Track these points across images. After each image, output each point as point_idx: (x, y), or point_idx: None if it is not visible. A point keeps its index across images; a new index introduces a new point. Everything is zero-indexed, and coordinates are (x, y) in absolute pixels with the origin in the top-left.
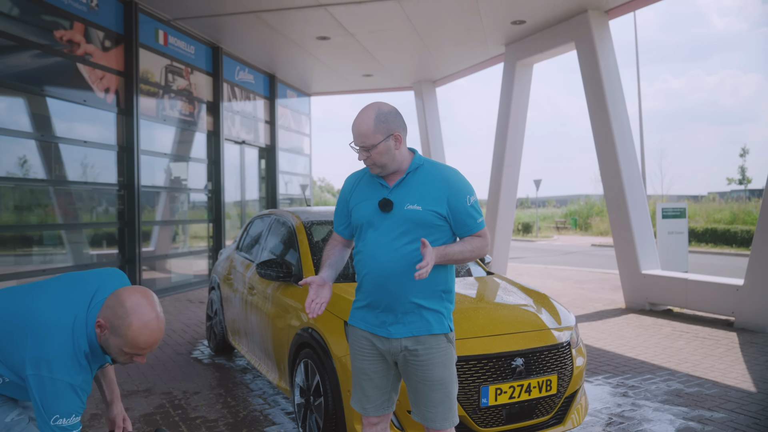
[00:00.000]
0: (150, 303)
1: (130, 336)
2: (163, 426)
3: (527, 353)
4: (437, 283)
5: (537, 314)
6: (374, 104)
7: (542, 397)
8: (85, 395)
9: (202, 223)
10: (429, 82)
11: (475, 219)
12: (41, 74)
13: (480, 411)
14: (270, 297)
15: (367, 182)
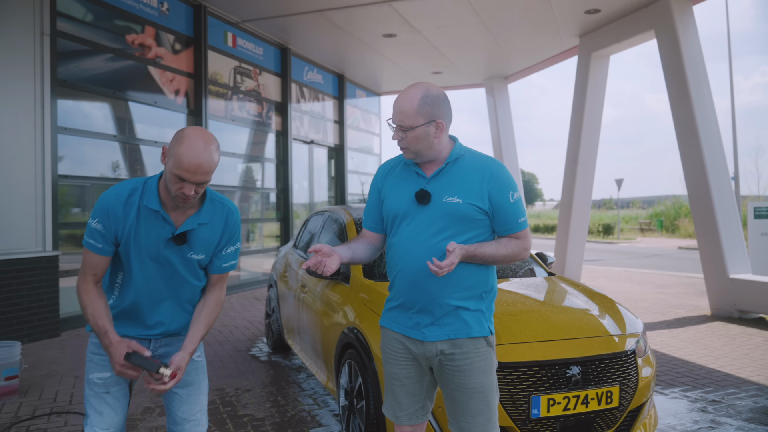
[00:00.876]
0: (204, 135)
1: (179, 154)
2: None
3: (585, 361)
4: (477, 284)
5: (598, 319)
6: (424, 83)
7: (602, 410)
8: (98, 229)
9: (270, 222)
10: (500, 78)
11: (517, 217)
12: (114, 77)
13: (530, 423)
14: (319, 295)
15: (401, 171)
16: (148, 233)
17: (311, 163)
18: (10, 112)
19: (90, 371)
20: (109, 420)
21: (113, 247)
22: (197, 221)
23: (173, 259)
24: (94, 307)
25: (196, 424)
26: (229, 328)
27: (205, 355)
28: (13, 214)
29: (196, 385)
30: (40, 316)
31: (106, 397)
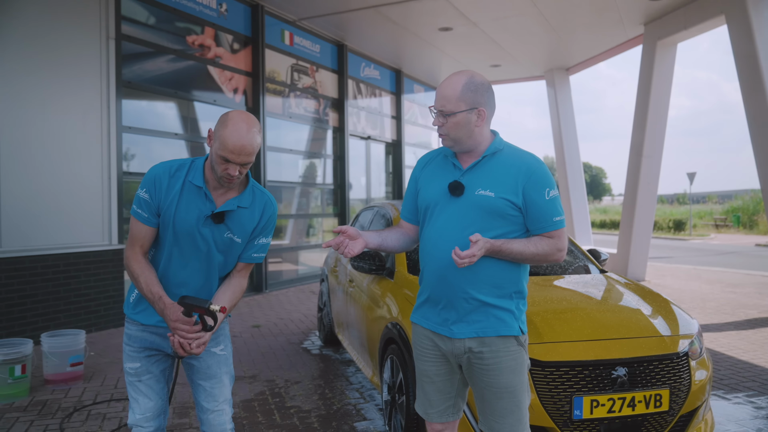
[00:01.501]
0: (246, 118)
1: (224, 136)
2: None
3: (632, 362)
4: (506, 283)
5: (648, 319)
6: (468, 71)
7: (650, 413)
8: (146, 199)
9: (328, 218)
10: (561, 70)
11: (552, 216)
12: (176, 78)
13: (572, 424)
14: (365, 290)
15: (439, 163)
16: (188, 208)
17: (368, 159)
18: (78, 112)
19: (124, 362)
20: (144, 406)
21: (157, 219)
22: (237, 204)
23: (209, 237)
24: (147, 276)
25: (220, 413)
26: (284, 321)
27: (231, 350)
28: (81, 210)
29: (218, 377)
30: (107, 307)
31: (139, 385)
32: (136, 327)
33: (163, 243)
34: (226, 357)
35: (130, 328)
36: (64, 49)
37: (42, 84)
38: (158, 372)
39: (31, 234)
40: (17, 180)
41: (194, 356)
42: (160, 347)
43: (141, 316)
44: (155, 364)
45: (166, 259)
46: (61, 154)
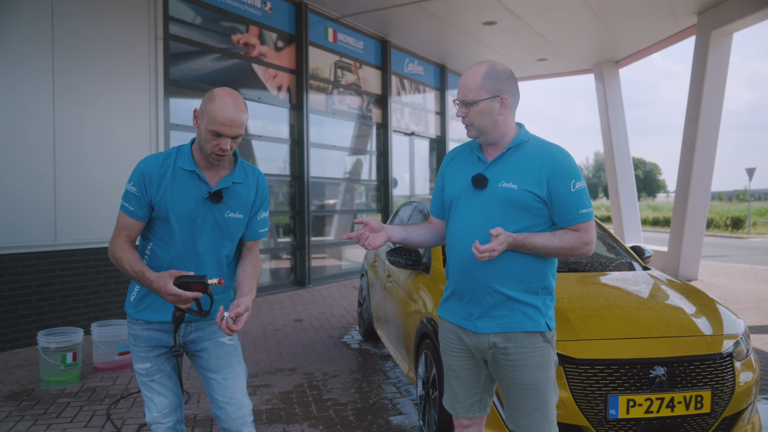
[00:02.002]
0: (232, 93)
1: (212, 111)
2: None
3: (671, 362)
4: (530, 277)
5: (690, 318)
6: (489, 60)
7: (690, 415)
8: (134, 192)
9: (371, 213)
10: (611, 63)
11: (578, 208)
12: (221, 76)
13: (607, 423)
14: (402, 284)
15: (465, 157)
16: (184, 194)
17: (412, 155)
18: (128, 110)
19: (134, 362)
20: (160, 404)
21: (146, 212)
22: (232, 180)
23: (210, 218)
24: (129, 256)
25: (238, 406)
26: (325, 316)
27: (239, 340)
28: None
29: (230, 367)
30: None
31: (152, 384)
32: (140, 326)
33: (166, 236)
34: (236, 347)
35: (134, 329)
36: (114, 49)
37: (94, 83)
38: (169, 369)
39: (84, 228)
40: (71, 176)
41: (204, 348)
42: (168, 344)
43: (145, 313)
44: (165, 362)
45: (172, 252)
46: (111, 150)
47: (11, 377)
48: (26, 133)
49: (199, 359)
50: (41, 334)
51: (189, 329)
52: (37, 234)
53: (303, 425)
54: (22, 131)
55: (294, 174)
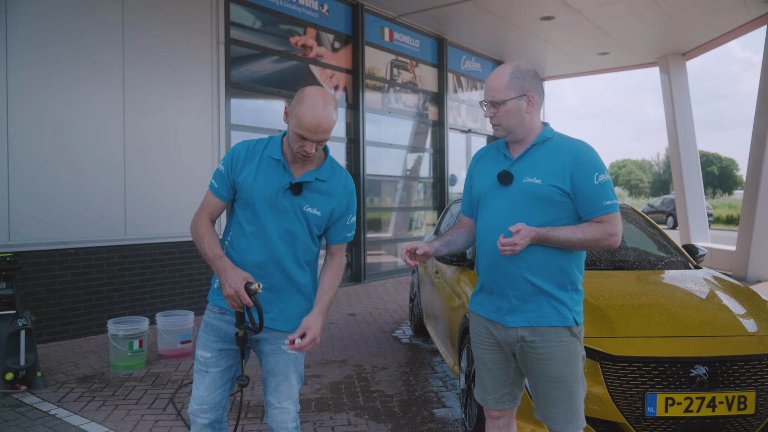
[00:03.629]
0: (322, 94)
1: (299, 114)
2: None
3: (713, 361)
4: (557, 271)
5: (737, 318)
6: (514, 62)
7: (733, 416)
8: (221, 171)
9: (428, 210)
10: (677, 55)
11: (601, 200)
12: (280, 77)
13: (645, 421)
14: (448, 280)
15: (492, 155)
16: (267, 180)
17: (468, 152)
18: (192, 112)
19: (197, 348)
20: (202, 397)
21: (229, 193)
22: (315, 176)
23: (289, 209)
24: (210, 237)
25: (283, 411)
26: (379, 311)
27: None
28: (194, 202)
29: (284, 375)
30: None
31: (205, 375)
32: (215, 315)
33: (245, 221)
34: (296, 356)
35: (209, 316)
36: (179, 55)
37: (160, 86)
38: (225, 367)
39: (151, 223)
40: (139, 175)
41: (263, 351)
42: (233, 341)
43: (224, 300)
44: (225, 359)
45: (247, 238)
46: (176, 150)
47: (84, 361)
48: (99, 136)
49: (260, 359)
50: (111, 323)
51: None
52: (109, 229)
53: (349, 414)
54: (95, 134)
55: (350, 172)
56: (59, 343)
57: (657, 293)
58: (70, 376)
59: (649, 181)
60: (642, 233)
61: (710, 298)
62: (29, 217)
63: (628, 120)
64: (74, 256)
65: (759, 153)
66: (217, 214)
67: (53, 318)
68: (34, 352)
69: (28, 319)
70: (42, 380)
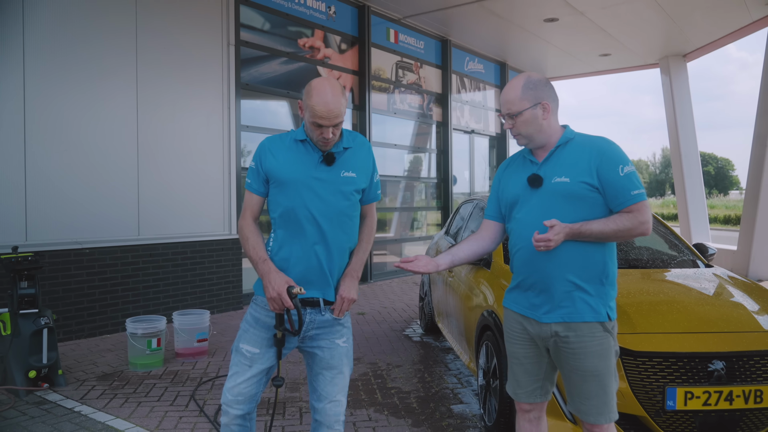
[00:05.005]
0: (329, 83)
1: (312, 105)
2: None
3: (731, 356)
4: (591, 265)
5: (751, 314)
6: (525, 73)
7: (749, 409)
8: (253, 168)
9: (431, 211)
10: (678, 57)
11: (629, 190)
12: (288, 79)
13: (665, 414)
14: (464, 279)
15: (518, 163)
16: (299, 160)
17: (472, 153)
18: (203, 114)
19: (241, 341)
20: (239, 389)
21: (264, 187)
22: (342, 146)
23: (328, 179)
24: (255, 239)
25: (336, 404)
26: (387, 310)
27: (352, 341)
28: (205, 202)
29: (339, 368)
30: (227, 291)
31: (248, 369)
32: (266, 312)
33: (288, 208)
34: (348, 349)
35: (259, 312)
36: (191, 57)
37: (172, 88)
38: (270, 364)
39: (164, 223)
40: (152, 176)
41: (320, 346)
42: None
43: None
44: (272, 357)
45: (295, 225)
46: (188, 151)
47: (102, 360)
48: (113, 137)
49: (313, 356)
50: (129, 321)
51: (311, 326)
52: (123, 229)
53: (369, 410)
54: (109, 135)
55: None
56: (75, 341)
57: (673, 291)
58: (90, 374)
59: (646, 182)
60: (654, 233)
61: (724, 295)
62: (46, 217)
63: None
64: (89, 256)
65: (760, 154)
66: (259, 211)
67: (69, 317)
68: (56, 351)
69: (49, 317)
70: (63, 378)
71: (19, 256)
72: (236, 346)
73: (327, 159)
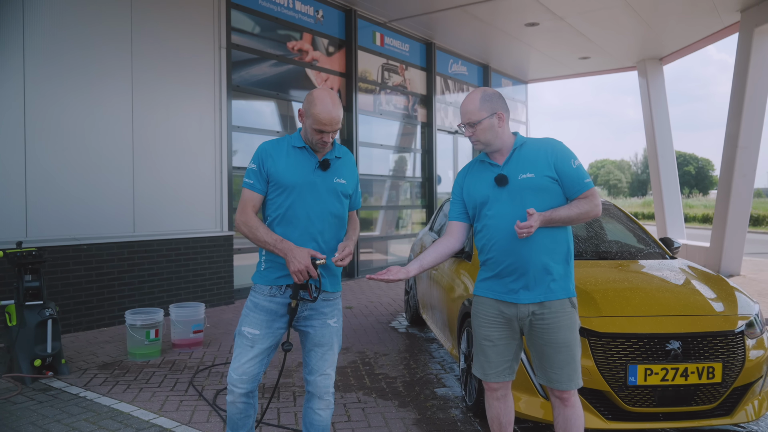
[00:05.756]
0: (329, 94)
1: (316, 113)
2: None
3: (686, 337)
4: (560, 245)
5: (706, 299)
6: (481, 88)
7: (702, 384)
8: (254, 169)
9: (415, 209)
10: (654, 60)
11: (582, 179)
12: (277, 80)
13: (627, 389)
14: (446, 272)
15: (477, 168)
16: (298, 164)
17: (455, 153)
18: (196, 115)
19: (243, 324)
20: (243, 369)
21: (264, 186)
22: (335, 154)
23: (322, 184)
24: (263, 226)
25: (327, 377)
26: (374, 304)
27: (342, 323)
28: (198, 200)
29: (329, 345)
30: (219, 286)
31: (250, 350)
32: (264, 297)
33: (288, 208)
34: (338, 329)
35: (258, 298)
36: (184, 59)
37: (166, 90)
38: (270, 345)
39: (158, 220)
40: (147, 174)
41: (312, 326)
42: (283, 323)
43: (272, 278)
44: (271, 337)
45: (293, 223)
46: (181, 151)
47: (101, 350)
48: (110, 137)
49: (307, 334)
50: (128, 313)
51: (305, 307)
52: (119, 226)
53: (358, 393)
54: (106, 135)
55: None
56: (74, 334)
57: (637, 279)
58: (91, 364)
59: (628, 181)
60: (623, 227)
61: (684, 283)
62: (45, 214)
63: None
64: (87, 252)
65: (731, 154)
66: (258, 207)
67: (68, 310)
68: (59, 341)
69: (53, 309)
70: (66, 367)
71: (23, 250)
72: (239, 330)
73: (323, 165)
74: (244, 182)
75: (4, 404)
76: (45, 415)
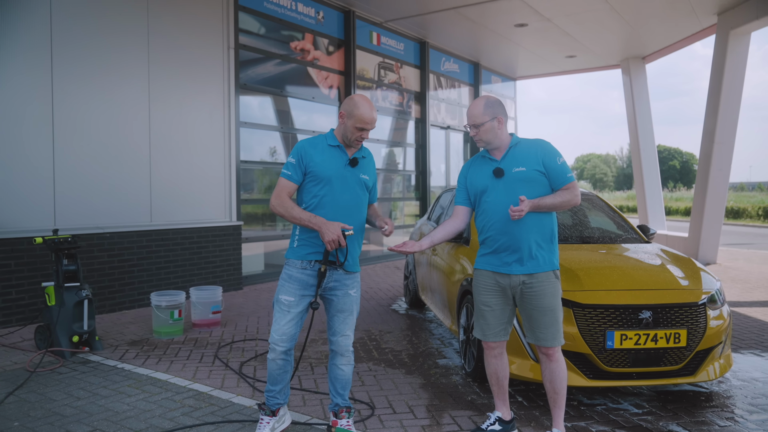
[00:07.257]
0: (367, 99)
1: (360, 114)
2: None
3: (655, 307)
4: (546, 227)
5: (675, 276)
6: (485, 95)
7: (670, 347)
8: (293, 163)
9: (410, 201)
10: (637, 59)
11: (565, 174)
12: (281, 79)
13: (605, 352)
14: (446, 256)
15: (479, 162)
16: (332, 159)
17: (447, 147)
18: (206, 111)
19: (280, 293)
20: (283, 330)
21: (301, 176)
22: (361, 154)
23: (351, 177)
24: (297, 206)
25: (347, 338)
26: (374, 290)
27: (360, 295)
28: (209, 192)
29: (350, 311)
30: (228, 273)
31: (287, 314)
32: (297, 269)
33: (322, 196)
34: (357, 298)
35: (291, 270)
36: (195, 57)
37: (180, 87)
38: (303, 309)
39: (173, 211)
40: (163, 167)
41: (336, 295)
42: (312, 291)
43: (304, 254)
44: (302, 303)
45: (326, 208)
46: (194, 146)
47: (127, 330)
48: (129, 132)
49: (331, 301)
50: (154, 295)
51: (331, 278)
52: (137, 216)
53: (369, 364)
54: (125, 130)
55: None
56: (99, 316)
57: (615, 260)
58: (120, 341)
59: (613, 175)
60: (605, 216)
61: (656, 263)
62: (71, 204)
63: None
64: (109, 240)
65: (708, 149)
66: (292, 194)
67: (93, 294)
68: (94, 319)
69: (89, 290)
70: (100, 343)
71: (60, 237)
72: (276, 298)
73: (352, 162)
74: (282, 173)
75: (50, 375)
76: (91, 382)
